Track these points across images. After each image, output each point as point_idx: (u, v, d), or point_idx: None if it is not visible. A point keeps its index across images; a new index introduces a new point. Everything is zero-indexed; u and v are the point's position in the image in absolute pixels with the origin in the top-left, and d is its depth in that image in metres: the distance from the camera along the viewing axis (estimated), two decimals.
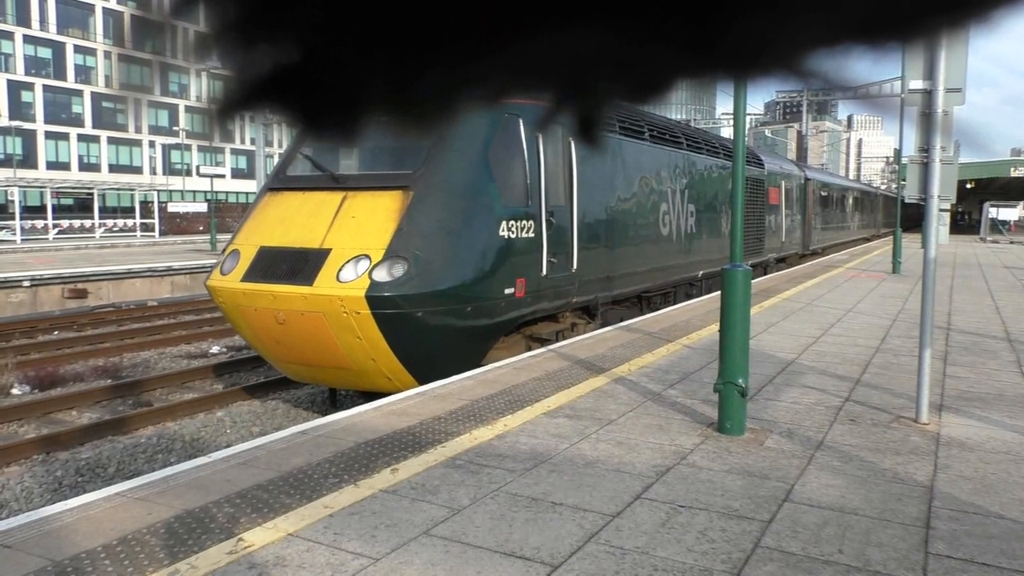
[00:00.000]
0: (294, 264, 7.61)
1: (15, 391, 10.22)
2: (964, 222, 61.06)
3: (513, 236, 8.27)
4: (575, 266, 9.52)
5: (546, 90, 0.38)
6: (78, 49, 55.72)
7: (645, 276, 12.03)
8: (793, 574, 3.27)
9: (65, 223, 43.44)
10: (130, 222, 45.90)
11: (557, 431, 5.31)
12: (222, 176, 54.98)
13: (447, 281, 7.52)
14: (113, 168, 57.68)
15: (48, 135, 54.17)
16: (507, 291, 8.20)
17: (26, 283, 18.24)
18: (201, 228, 46.31)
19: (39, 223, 41.61)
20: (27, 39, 52.73)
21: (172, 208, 48.59)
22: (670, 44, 0.35)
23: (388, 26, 0.35)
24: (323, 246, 7.62)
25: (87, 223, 44.10)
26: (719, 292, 5.65)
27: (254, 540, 3.56)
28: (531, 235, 8.60)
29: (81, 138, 56.08)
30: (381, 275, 7.23)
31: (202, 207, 48.79)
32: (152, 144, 60.33)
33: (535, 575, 3.25)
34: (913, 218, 50.92)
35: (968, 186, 43.91)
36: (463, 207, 7.94)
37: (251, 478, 4.37)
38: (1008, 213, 45.58)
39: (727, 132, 55.88)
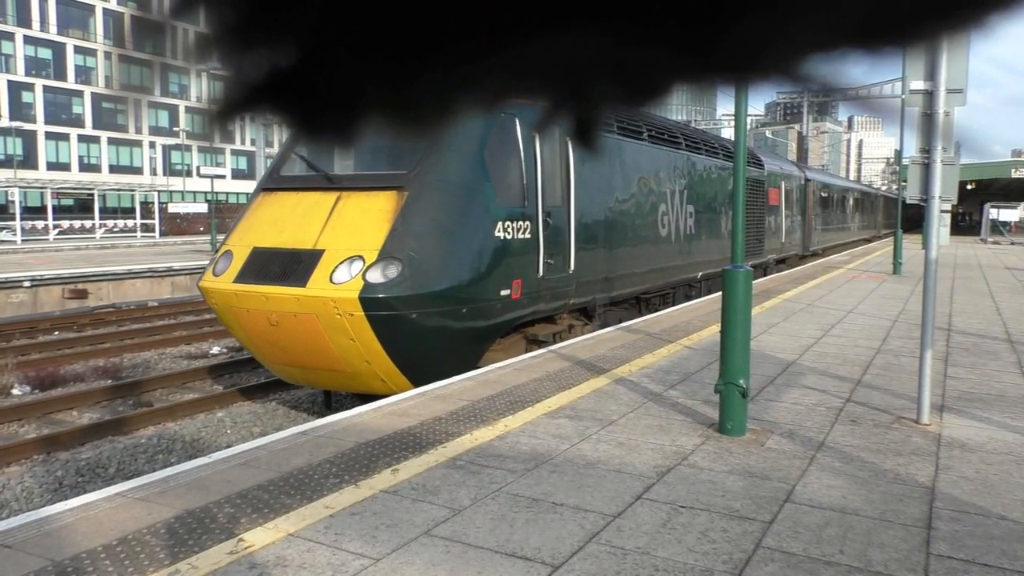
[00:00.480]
0: (287, 265, 7.51)
1: (15, 391, 10.22)
2: (965, 223, 61.00)
3: (509, 237, 8.18)
4: (572, 267, 9.44)
5: (544, 93, 0.38)
6: (78, 50, 55.74)
7: (643, 277, 11.93)
8: (794, 575, 3.27)
9: (65, 224, 43.50)
10: (130, 223, 45.96)
11: (558, 432, 5.31)
12: (222, 177, 54.91)
13: (442, 282, 7.42)
14: (113, 169, 57.71)
15: (48, 136, 54.20)
16: (503, 292, 8.11)
17: (26, 283, 18.25)
18: (201, 229, 46.34)
19: (39, 224, 41.66)
20: (27, 40, 52.75)
21: (172, 209, 48.65)
22: (668, 48, 0.35)
23: (385, 29, 0.35)
24: (316, 247, 7.52)
25: (87, 224, 44.16)
26: (720, 293, 5.65)
27: (255, 540, 3.56)
28: (527, 236, 8.51)
29: (81, 139, 56.10)
30: (375, 276, 7.13)
31: (202, 208, 48.83)
32: (152, 145, 60.36)
33: (536, 575, 3.25)
34: (914, 219, 50.87)
35: (969, 187, 43.87)
36: (458, 207, 7.85)
37: (252, 478, 4.37)
38: (1009, 214, 45.57)
39: (728, 133, 55.90)
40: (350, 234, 7.52)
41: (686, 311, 11.55)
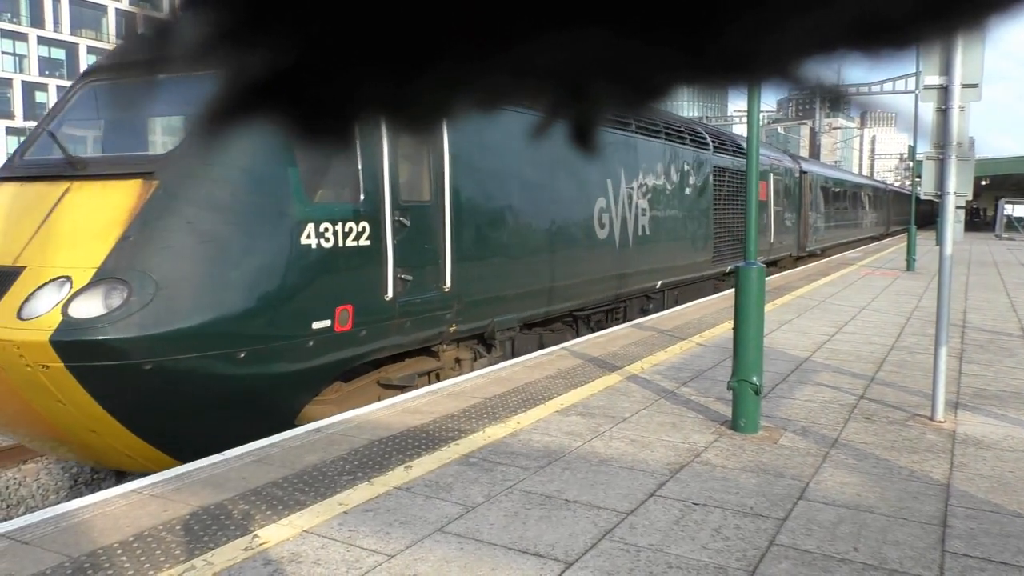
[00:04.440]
0: None
1: None
2: (979, 219, 60.59)
3: (328, 246, 5.99)
4: (449, 284, 7.22)
5: (542, 94, 0.38)
6: (91, 50, 56.10)
7: (572, 291, 9.62)
8: (808, 572, 3.26)
9: None
10: None
11: (570, 429, 5.31)
12: None
13: (196, 315, 5.23)
14: None
15: None
16: (317, 325, 5.95)
17: None
18: None
19: None
20: (41, 40, 53.15)
21: None
22: (666, 48, 0.35)
23: (384, 29, 0.35)
24: (17, 263, 5.31)
25: None
26: (732, 290, 5.62)
27: (269, 537, 3.58)
28: (364, 243, 6.31)
29: None
30: (84, 308, 4.97)
31: None
32: None
33: (549, 572, 3.25)
34: (926, 215, 50.42)
35: (983, 183, 43.56)
36: (235, 204, 5.63)
37: (266, 475, 4.39)
38: None
39: (738, 130, 55.67)
40: (66, 243, 5.34)
41: (698, 308, 11.52)
